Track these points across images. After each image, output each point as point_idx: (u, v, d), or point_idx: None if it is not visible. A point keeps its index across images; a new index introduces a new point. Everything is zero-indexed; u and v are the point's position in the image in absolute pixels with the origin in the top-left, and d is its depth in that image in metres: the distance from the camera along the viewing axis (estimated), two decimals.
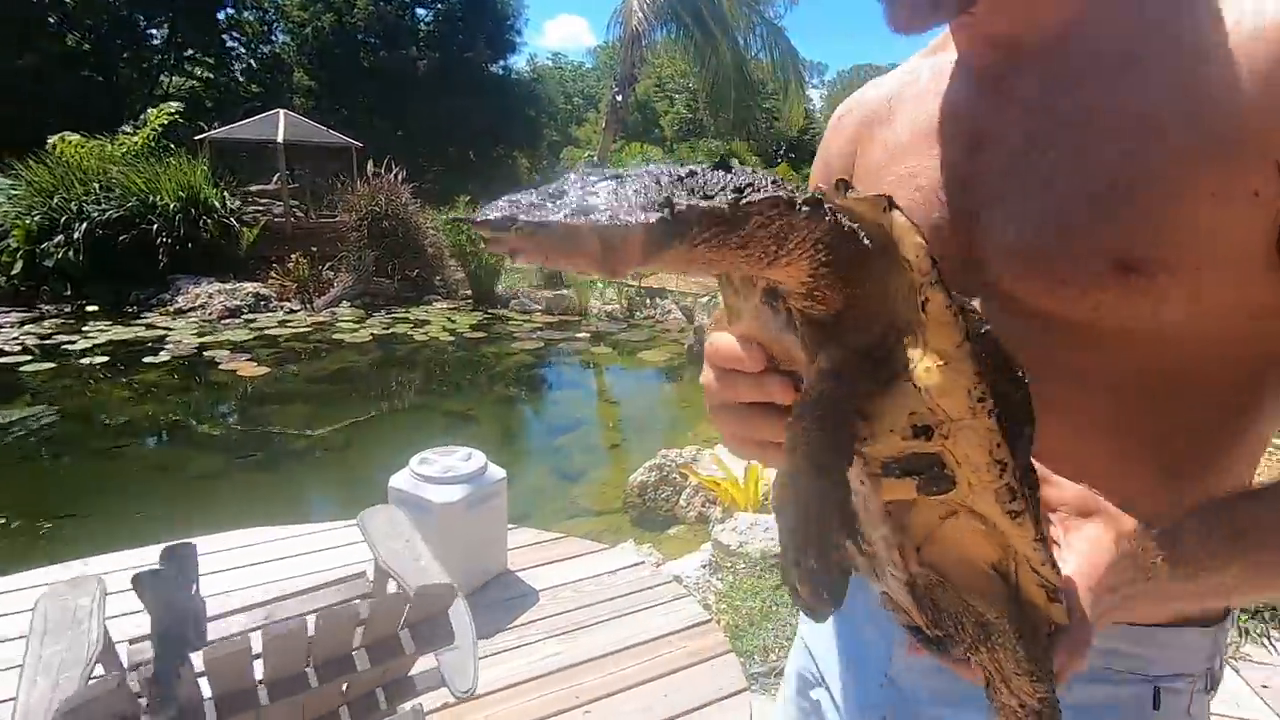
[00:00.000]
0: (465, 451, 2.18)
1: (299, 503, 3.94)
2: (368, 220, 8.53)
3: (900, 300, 0.30)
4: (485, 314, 8.18)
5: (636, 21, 10.36)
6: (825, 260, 0.29)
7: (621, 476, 4.10)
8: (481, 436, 5.05)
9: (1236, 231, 0.40)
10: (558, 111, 26.06)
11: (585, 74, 38.82)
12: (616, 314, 8.22)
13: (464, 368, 6.50)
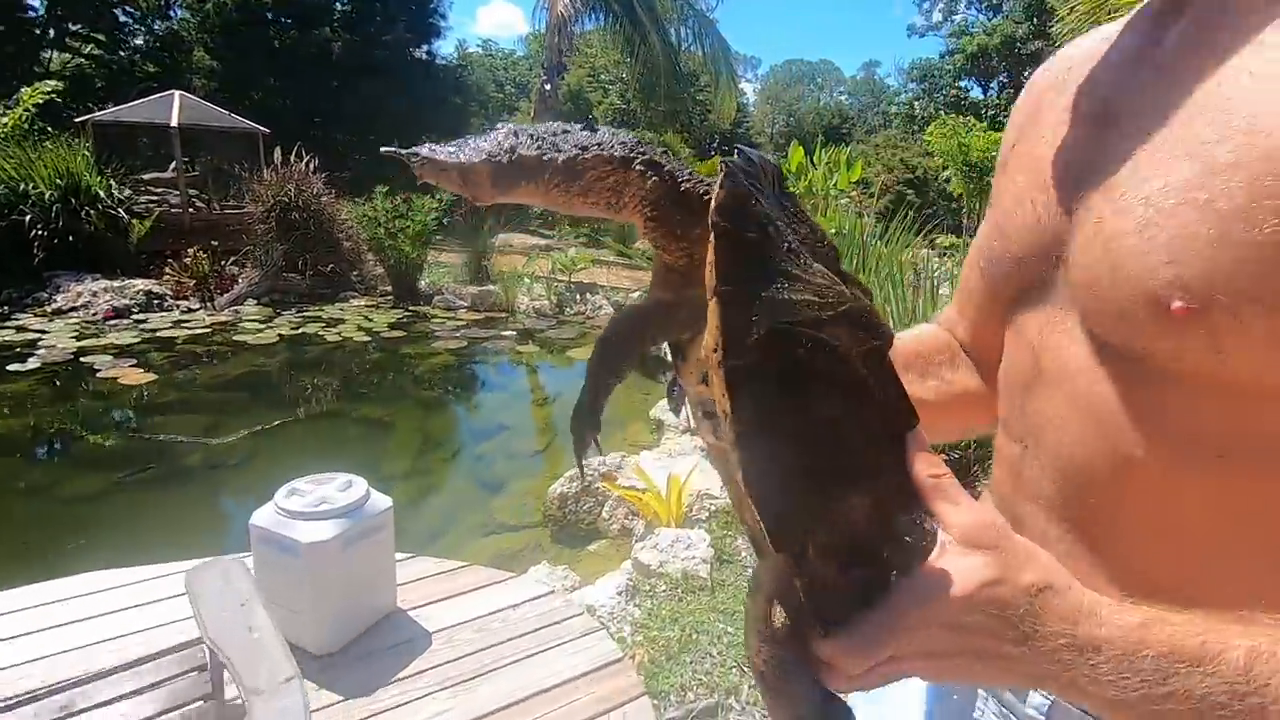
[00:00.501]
0: (344, 479, 1.92)
1: (183, 529, 3.57)
2: (276, 211, 7.97)
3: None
4: (406, 311, 7.77)
5: (562, 7, 10.05)
6: (653, 215, 0.37)
7: (544, 486, 3.88)
8: (399, 444, 4.74)
9: None
10: (489, 100, 25.38)
11: (517, 62, 38.03)
12: (545, 310, 7.97)
13: (381, 370, 6.13)
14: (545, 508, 3.48)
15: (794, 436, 0.35)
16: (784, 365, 0.35)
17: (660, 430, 4.51)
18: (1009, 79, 18.33)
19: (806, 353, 0.35)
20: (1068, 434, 0.46)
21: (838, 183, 13.27)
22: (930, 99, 19.99)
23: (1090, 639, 0.34)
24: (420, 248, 8.20)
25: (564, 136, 0.36)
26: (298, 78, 13.74)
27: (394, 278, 8.29)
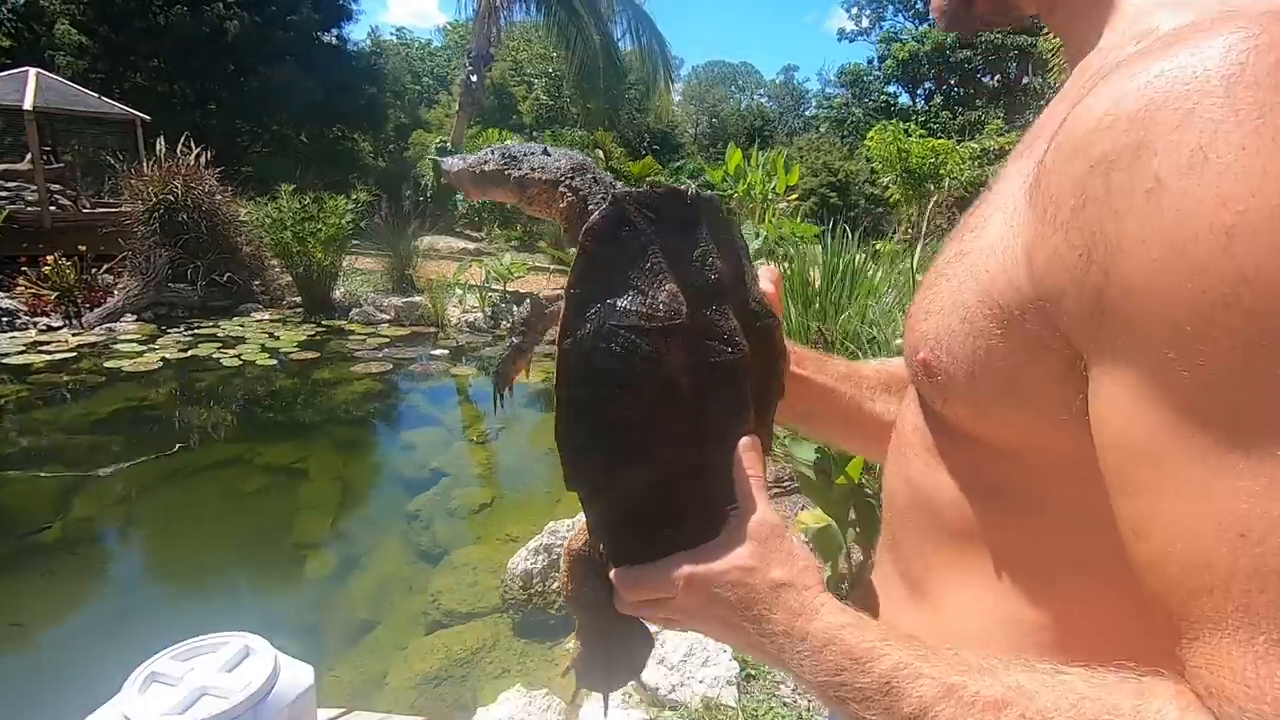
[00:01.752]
0: (236, 645, 1.22)
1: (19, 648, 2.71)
2: (159, 211, 6.87)
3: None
4: (319, 327, 6.85)
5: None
6: (567, 226, 0.51)
7: (497, 555, 3.24)
8: (313, 499, 3.95)
9: (1023, 358, 0.40)
10: (405, 92, 23.96)
11: (435, 53, 36.46)
12: (479, 324, 7.23)
13: (290, 401, 5.26)
14: (504, 588, 2.84)
15: (594, 414, 0.46)
16: (600, 356, 0.45)
17: None
18: (935, 86, 18.77)
19: (623, 351, 0.44)
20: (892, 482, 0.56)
21: (776, 186, 13.09)
22: (860, 104, 20.25)
23: (801, 631, 0.43)
24: (334, 253, 7.28)
25: (528, 157, 0.52)
26: (186, 59, 12.25)
27: (303, 288, 7.32)
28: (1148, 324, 0.32)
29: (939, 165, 10.78)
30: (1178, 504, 0.32)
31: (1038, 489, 0.44)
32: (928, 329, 0.46)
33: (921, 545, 0.52)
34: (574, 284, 0.45)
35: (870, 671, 0.40)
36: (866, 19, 22.29)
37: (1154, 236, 0.31)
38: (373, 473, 4.36)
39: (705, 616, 0.48)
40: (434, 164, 3.63)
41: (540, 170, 0.51)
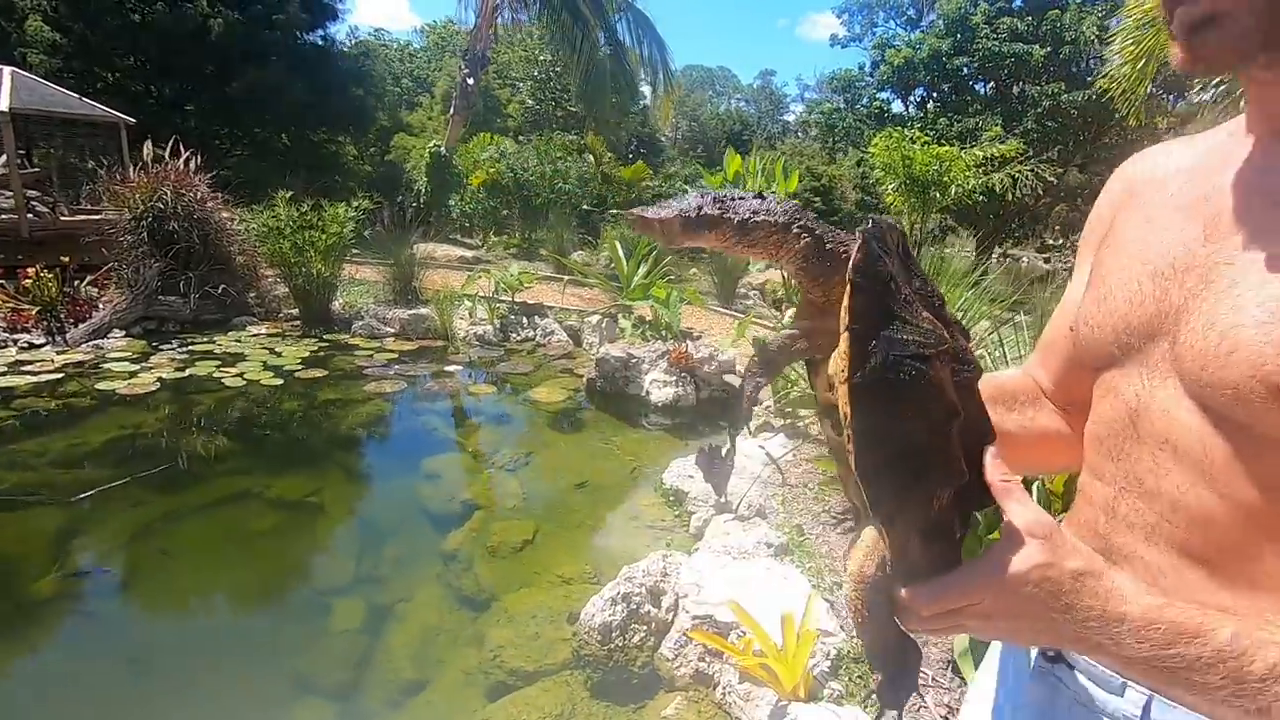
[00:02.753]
0: None
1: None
2: (148, 219, 6.46)
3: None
4: (320, 341, 6.48)
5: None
6: (803, 265, 0.52)
7: (553, 600, 2.96)
8: (333, 538, 3.65)
9: None
10: (385, 94, 23.48)
11: (414, 55, 35.96)
12: (488, 337, 6.92)
13: (298, 425, 4.92)
14: (579, 642, 2.56)
15: (893, 438, 0.49)
16: (891, 386, 0.48)
17: (682, 503, 3.68)
18: (929, 92, 18.80)
19: (909, 378, 0.48)
20: (1169, 481, 0.57)
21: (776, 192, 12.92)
22: (851, 110, 20.24)
23: (1116, 613, 0.47)
24: (334, 264, 6.92)
25: (739, 201, 0.51)
26: (165, 59, 11.72)
27: (301, 299, 6.96)
28: None
29: (943, 173, 10.70)
30: None
31: None
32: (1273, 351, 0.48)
33: (1184, 554, 0.57)
34: (854, 321, 0.48)
35: (1208, 642, 0.45)
36: (859, 25, 22.35)
37: None
38: (395, 506, 4.04)
39: (1009, 617, 0.51)
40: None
41: (765, 213, 0.53)
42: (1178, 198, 0.61)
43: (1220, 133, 0.64)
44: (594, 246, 12.01)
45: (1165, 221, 0.61)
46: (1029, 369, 0.81)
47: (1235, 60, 0.52)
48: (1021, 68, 16.35)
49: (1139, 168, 0.71)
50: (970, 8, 17.74)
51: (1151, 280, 0.59)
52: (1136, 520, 0.60)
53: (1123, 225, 0.67)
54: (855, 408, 0.48)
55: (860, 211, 23.55)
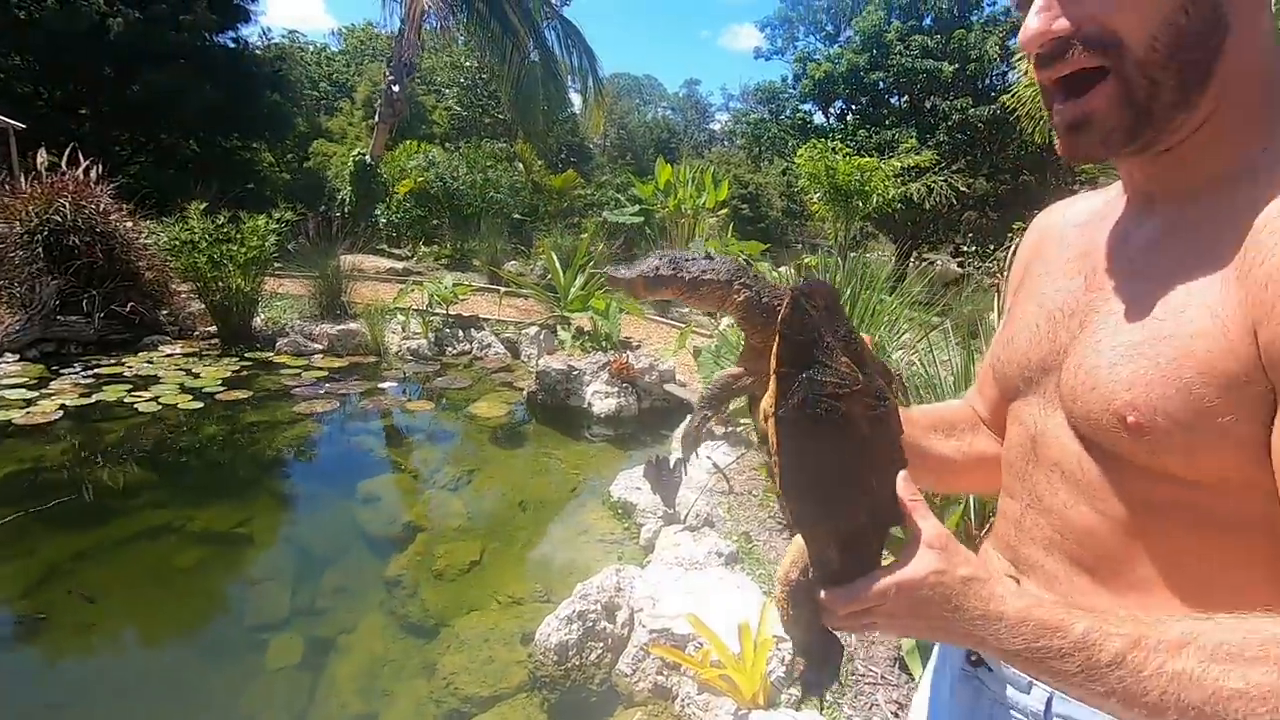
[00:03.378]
0: None
1: None
2: (43, 233, 5.98)
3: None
4: (242, 360, 6.16)
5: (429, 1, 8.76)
6: (744, 316, 0.64)
7: (505, 621, 2.92)
8: (266, 571, 3.47)
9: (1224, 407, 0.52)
10: (303, 98, 22.60)
11: (332, 58, 34.71)
12: (423, 351, 6.75)
13: (222, 451, 4.65)
14: (534, 663, 2.53)
15: (812, 463, 0.58)
16: (810, 420, 0.56)
17: (631, 515, 3.69)
18: (847, 105, 19.56)
19: (825, 414, 0.56)
20: (1058, 499, 0.66)
21: (706, 201, 13.14)
22: (776, 121, 20.83)
23: (996, 612, 0.54)
24: (254, 278, 6.59)
25: (691, 262, 0.64)
26: (57, 59, 10.85)
27: (220, 316, 6.59)
28: None
29: (864, 182, 11.16)
30: None
31: (1208, 506, 0.56)
32: (1135, 399, 0.56)
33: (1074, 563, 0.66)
34: (780, 364, 0.57)
35: (1067, 635, 0.52)
36: (780, 40, 23.06)
37: None
38: (332, 533, 3.87)
39: (910, 616, 0.58)
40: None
41: (712, 272, 0.65)
42: (1070, 250, 0.72)
43: (1112, 190, 0.73)
44: (527, 256, 11.91)
45: (1059, 271, 0.71)
46: (970, 399, 0.90)
47: (1106, 154, 0.60)
48: (932, 83, 17.29)
49: (1047, 220, 0.81)
50: (884, 25, 18.62)
51: (1046, 323, 0.69)
52: (1037, 534, 0.69)
53: (1031, 274, 0.77)
54: (780, 437, 0.57)
55: (786, 219, 24.26)
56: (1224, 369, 0.52)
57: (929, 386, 2.90)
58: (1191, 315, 0.54)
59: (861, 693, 2.17)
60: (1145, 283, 0.59)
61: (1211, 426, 0.53)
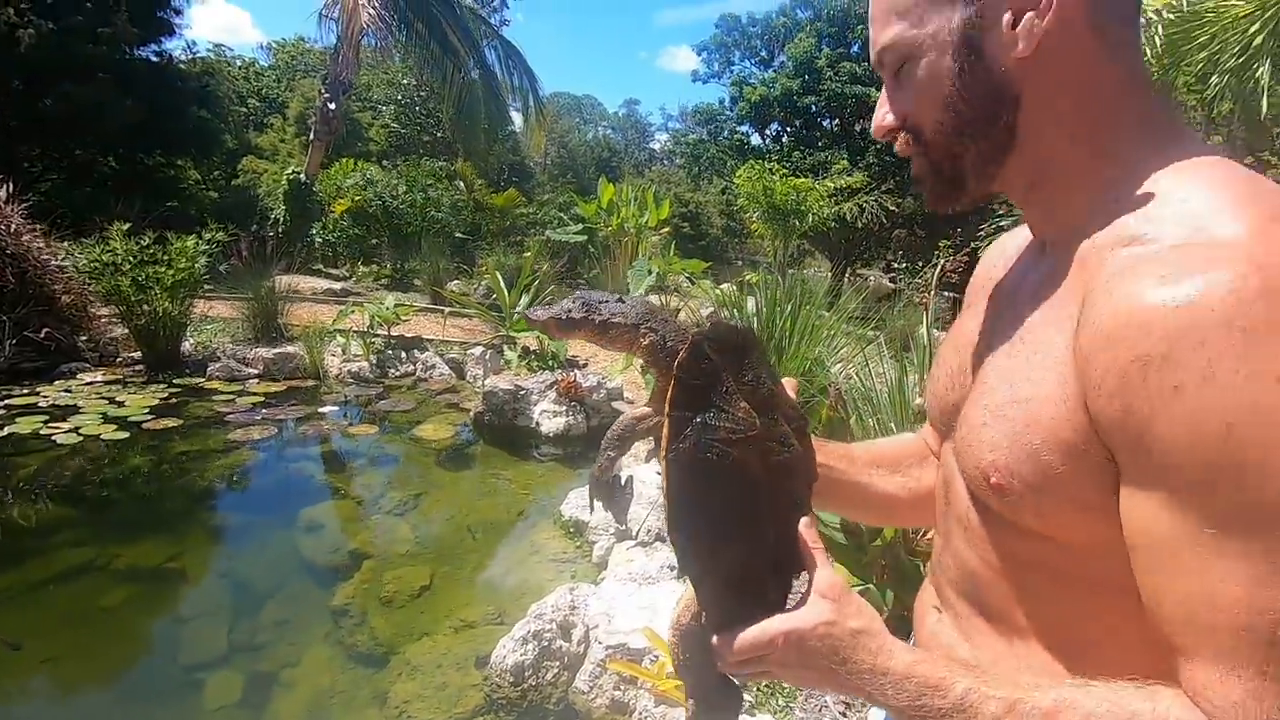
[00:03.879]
0: None
1: None
2: None
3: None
4: (171, 387, 5.89)
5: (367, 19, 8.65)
6: (650, 360, 0.63)
7: (459, 646, 2.89)
8: (200, 604, 3.33)
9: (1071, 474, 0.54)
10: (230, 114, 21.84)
11: (261, 73, 33.67)
12: (364, 373, 6.60)
13: (150, 483, 4.44)
14: (490, 685, 2.52)
15: (701, 508, 0.59)
16: (701, 464, 0.57)
17: (583, 533, 3.71)
18: (782, 127, 20.23)
19: (716, 458, 0.57)
20: (958, 543, 0.68)
21: (649, 220, 13.34)
22: (714, 141, 21.34)
23: (883, 667, 0.56)
24: (183, 301, 6.33)
25: (603, 305, 0.63)
26: None
27: (145, 341, 6.29)
28: (1171, 472, 0.47)
29: (800, 202, 11.56)
30: (1188, 580, 0.47)
31: (1070, 566, 0.58)
32: (997, 460, 0.58)
33: (971, 604, 0.68)
34: (673, 408, 0.58)
35: (947, 695, 0.53)
36: (717, 64, 23.72)
37: (1177, 419, 0.46)
38: (272, 564, 3.74)
39: (800, 666, 0.60)
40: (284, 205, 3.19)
41: (620, 316, 0.64)
42: (986, 290, 0.74)
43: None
44: (470, 275, 11.80)
45: (975, 313, 0.73)
46: (923, 432, 0.90)
47: (943, 207, 0.67)
48: (862, 107, 18.09)
49: (991, 252, 0.82)
50: (815, 52, 19.40)
51: (958, 370, 0.71)
52: (949, 574, 0.71)
53: (965, 309, 0.79)
54: (669, 479, 0.58)
55: (726, 236, 24.79)
56: (1065, 437, 0.53)
57: (866, 399, 3.04)
58: (1041, 378, 0.56)
59: (812, 694, 2.25)
60: (1019, 336, 0.61)
61: (1059, 491, 0.54)
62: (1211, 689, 0.46)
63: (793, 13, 21.89)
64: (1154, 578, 0.50)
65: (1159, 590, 0.49)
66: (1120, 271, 0.51)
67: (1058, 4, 0.55)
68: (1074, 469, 0.53)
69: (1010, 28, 0.56)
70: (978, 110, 0.60)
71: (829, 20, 20.37)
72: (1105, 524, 0.53)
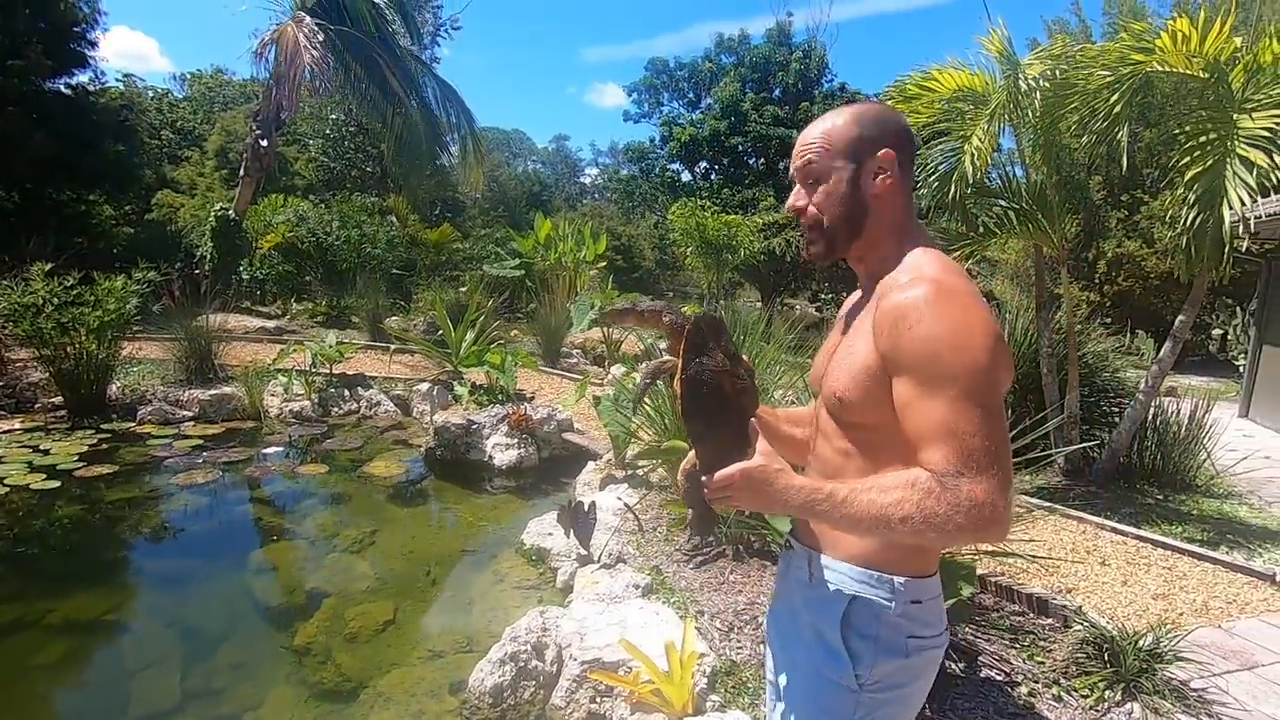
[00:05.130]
0: None
1: None
2: None
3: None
4: (99, 433, 5.65)
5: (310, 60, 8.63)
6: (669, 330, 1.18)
7: (431, 674, 2.95)
8: (146, 655, 3.23)
9: (875, 389, 1.04)
10: (143, 146, 20.93)
11: (176, 104, 32.43)
12: (307, 413, 6.50)
13: (83, 533, 4.26)
14: (467, 709, 2.60)
15: (699, 404, 1.05)
16: (698, 382, 1.04)
17: (545, 560, 3.82)
18: (711, 165, 21.03)
19: (707, 379, 1.04)
20: (818, 446, 1.21)
21: (586, 255, 13.59)
22: (646, 178, 21.95)
23: (792, 485, 1.01)
24: (110, 342, 6.10)
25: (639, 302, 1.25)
26: None
27: (67, 385, 6.01)
28: (909, 368, 0.98)
29: (731, 237, 12.10)
30: (929, 417, 0.96)
31: (875, 440, 1.08)
32: (839, 384, 1.09)
33: (825, 470, 1.17)
34: (684, 354, 1.06)
35: (821, 491, 0.99)
36: (647, 104, 24.53)
37: (907, 342, 0.98)
38: (224, 608, 3.66)
39: (750, 492, 1.02)
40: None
41: (651, 308, 1.20)
42: (841, 312, 1.27)
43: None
44: (407, 311, 11.71)
45: (839, 326, 1.24)
46: (815, 404, 1.37)
47: (827, 259, 1.17)
48: (785, 147, 19.08)
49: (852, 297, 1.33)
50: (740, 95, 20.42)
51: (823, 355, 1.25)
52: (816, 466, 1.22)
53: (832, 328, 1.31)
54: (684, 390, 1.06)
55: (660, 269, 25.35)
56: (869, 365, 1.04)
57: None
58: (859, 345, 1.08)
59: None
60: (852, 329, 1.15)
61: (867, 397, 1.05)
62: (930, 460, 0.94)
63: (717, 58, 23.01)
64: (908, 420, 0.99)
65: (910, 424, 0.98)
66: (889, 290, 1.05)
67: (894, 172, 1.11)
68: (874, 383, 1.04)
69: (872, 178, 1.12)
70: (852, 215, 1.13)
71: (751, 67, 21.52)
72: (889, 411, 1.01)
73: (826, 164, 1.12)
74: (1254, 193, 3.71)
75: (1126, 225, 12.32)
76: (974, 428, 0.93)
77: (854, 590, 1.09)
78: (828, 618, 1.11)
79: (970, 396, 0.93)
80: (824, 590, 1.13)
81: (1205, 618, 3.25)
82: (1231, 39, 3.83)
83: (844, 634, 1.09)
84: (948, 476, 0.92)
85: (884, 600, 1.07)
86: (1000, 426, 0.95)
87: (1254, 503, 5.10)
